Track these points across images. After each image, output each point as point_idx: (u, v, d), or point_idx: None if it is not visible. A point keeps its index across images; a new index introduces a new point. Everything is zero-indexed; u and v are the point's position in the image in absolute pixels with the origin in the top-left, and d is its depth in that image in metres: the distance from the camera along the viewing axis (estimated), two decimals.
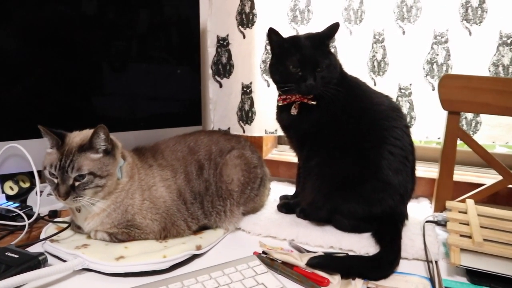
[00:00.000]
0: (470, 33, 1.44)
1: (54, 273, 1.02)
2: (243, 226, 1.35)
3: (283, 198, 1.57)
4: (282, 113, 1.36)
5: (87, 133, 1.17)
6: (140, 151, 1.30)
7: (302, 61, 1.23)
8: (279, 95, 1.35)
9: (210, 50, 1.71)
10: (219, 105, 1.74)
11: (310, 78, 1.22)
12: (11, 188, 1.50)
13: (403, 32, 1.52)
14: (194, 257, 1.16)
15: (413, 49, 1.51)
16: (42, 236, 1.22)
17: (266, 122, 1.68)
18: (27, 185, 1.53)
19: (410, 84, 1.55)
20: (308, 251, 1.21)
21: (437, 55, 1.49)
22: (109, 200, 1.16)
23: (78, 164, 1.10)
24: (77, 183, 1.10)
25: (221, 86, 1.74)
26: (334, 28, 1.27)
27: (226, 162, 1.33)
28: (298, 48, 1.25)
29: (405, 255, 1.13)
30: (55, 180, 1.12)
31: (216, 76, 1.74)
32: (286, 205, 1.48)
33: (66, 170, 1.09)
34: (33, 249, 1.17)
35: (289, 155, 1.88)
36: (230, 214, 1.32)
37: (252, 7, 1.67)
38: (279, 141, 2.02)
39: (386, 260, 1.10)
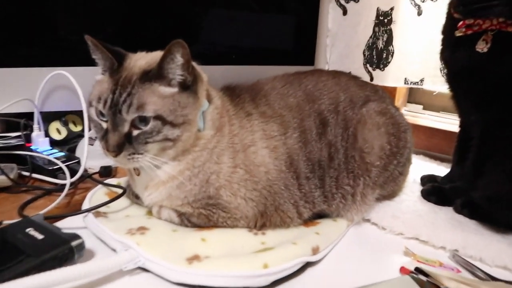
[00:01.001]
0: None
1: (89, 275, 0.63)
2: (374, 218, 0.95)
3: (428, 179, 1.10)
4: (459, 49, 0.86)
5: (157, 55, 0.74)
6: (234, 91, 0.88)
7: None
8: (457, 21, 0.84)
9: None
10: (340, 39, 1.37)
11: None
12: (58, 131, 1.15)
13: None
14: (306, 264, 0.75)
15: None
16: (85, 205, 0.84)
17: (407, 67, 1.28)
18: (78, 128, 1.17)
19: None
20: (494, 279, 0.75)
21: None
22: (183, 162, 0.76)
23: (140, 100, 0.69)
24: (136, 132, 0.71)
25: (345, 12, 1.36)
26: None
27: (364, 119, 0.90)
28: None
29: None
30: (104, 124, 0.71)
31: None
32: (437, 192, 1.05)
33: (120, 108, 0.69)
34: (71, 223, 0.79)
35: (425, 118, 1.38)
36: (360, 200, 0.90)
37: None
38: (409, 98, 1.51)
39: None
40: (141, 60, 0.76)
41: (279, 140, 0.84)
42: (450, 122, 1.33)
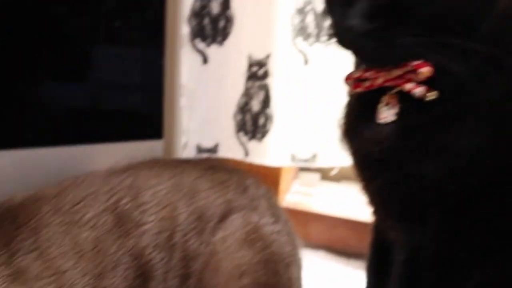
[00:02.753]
0: None
1: None
2: None
3: None
4: (361, 121, 0.56)
5: None
6: None
7: None
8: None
9: None
10: (200, 98, 1.04)
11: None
12: None
13: None
14: None
15: None
16: None
17: (295, 139, 0.97)
18: None
19: None
20: None
21: None
22: None
23: None
24: None
25: (205, 61, 1.04)
26: None
27: (216, 257, 0.52)
28: None
29: None
30: None
31: (197, 41, 1.02)
32: None
33: None
34: None
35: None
36: None
37: None
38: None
39: None
40: None
41: None
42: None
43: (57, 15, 0.86)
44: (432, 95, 0.49)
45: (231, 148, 1.03)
